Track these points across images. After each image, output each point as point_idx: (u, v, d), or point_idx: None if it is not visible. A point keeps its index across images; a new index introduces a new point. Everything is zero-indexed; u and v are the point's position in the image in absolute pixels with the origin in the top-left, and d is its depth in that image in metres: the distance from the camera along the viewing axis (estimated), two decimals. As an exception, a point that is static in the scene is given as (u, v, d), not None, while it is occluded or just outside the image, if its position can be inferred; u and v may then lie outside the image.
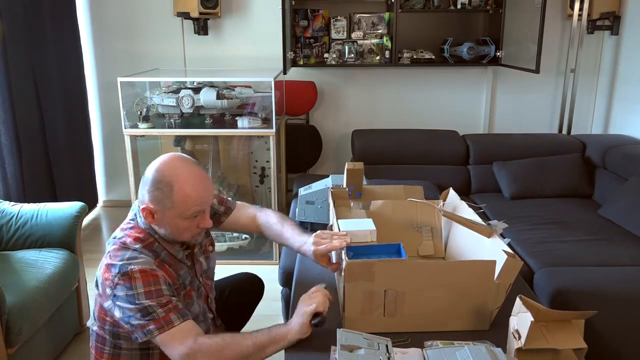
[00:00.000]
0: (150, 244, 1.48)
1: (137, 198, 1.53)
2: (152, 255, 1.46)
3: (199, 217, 1.48)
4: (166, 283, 1.42)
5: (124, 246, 1.45)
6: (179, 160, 1.46)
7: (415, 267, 1.36)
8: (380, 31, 4.02)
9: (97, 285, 1.47)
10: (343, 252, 1.40)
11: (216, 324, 1.75)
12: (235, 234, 3.46)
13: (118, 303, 1.39)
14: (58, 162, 3.65)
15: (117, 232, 1.52)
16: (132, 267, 1.39)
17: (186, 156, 1.51)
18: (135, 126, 3.27)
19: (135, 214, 1.54)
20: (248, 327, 2.72)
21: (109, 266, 1.42)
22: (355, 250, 1.51)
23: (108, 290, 1.41)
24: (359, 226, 1.58)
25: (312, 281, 1.67)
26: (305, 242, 1.57)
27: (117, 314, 1.41)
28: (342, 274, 1.35)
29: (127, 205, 3.93)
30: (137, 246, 1.45)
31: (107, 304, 1.43)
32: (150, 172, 1.45)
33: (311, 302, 1.37)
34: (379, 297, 1.35)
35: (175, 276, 1.49)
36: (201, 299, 1.64)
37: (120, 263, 1.40)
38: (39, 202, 2.63)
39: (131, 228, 1.51)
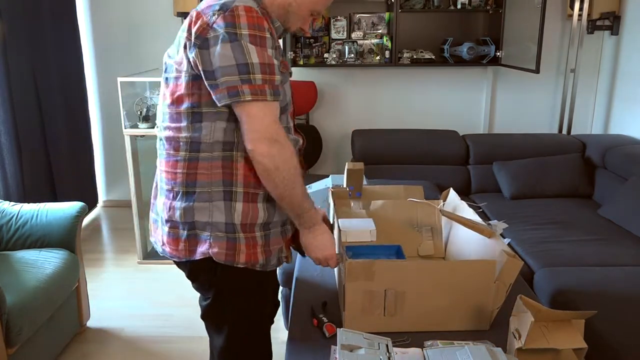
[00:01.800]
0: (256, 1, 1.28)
1: (136, 197, 1.48)
2: (257, 4, 1.26)
3: (312, 17, 1.38)
4: (269, 33, 1.24)
5: None
6: None
7: (415, 267, 1.36)
8: (380, 31, 4.02)
9: (175, 50, 1.30)
10: (343, 252, 1.40)
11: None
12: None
13: (210, 48, 1.20)
14: (58, 162, 3.65)
15: None
16: (237, 4, 1.20)
17: None
18: (135, 126, 3.26)
19: None
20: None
21: (202, 12, 1.23)
22: (355, 250, 1.51)
23: (194, 36, 1.21)
24: (359, 225, 1.58)
25: (313, 281, 1.67)
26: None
27: (204, 64, 1.21)
28: (342, 273, 1.35)
29: (127, 205, 3.93)
30: None
31: (192, 55, 1.22)
32: None
33: (318, 261, 1.43)
34: (379, 296, 1.35)
35: (274, 33, 1.30)
36: (291, 109, 1.44)
37: (221, 2, 1.21)
38: (39, 202, 2.63)
39: None
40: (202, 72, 1.23)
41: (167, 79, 1.34)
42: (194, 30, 1.22)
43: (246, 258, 1.34)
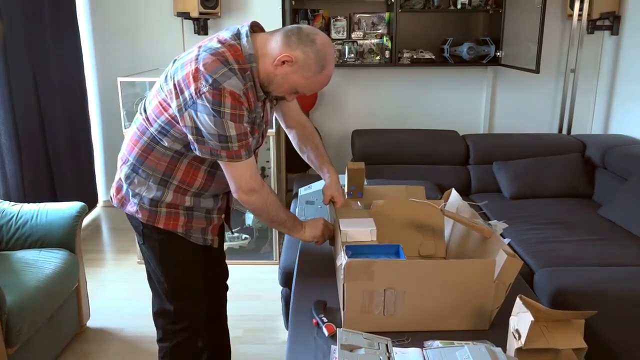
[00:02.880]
0: (245, 69, 1.47)
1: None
2: (243, 81, 1.46)
3: (297, 94, 1.58)
4: (246, 110, 1.47)
5: (223, 60, 1.43)
6: (332, 47, 1.54)
7: (415, 267, 1.36)
8: (380, 31, 4.02)
9: (166, 80, 1.51)
10: (342, 251, 1.40)
11: None
12: (236, 234, 3.46)
13: (198, 112, 1.43)
14: (58, 162, 3.65)
15: (213, 43, 1.48)
16: (225, 86, 1.41)
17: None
18: (135, 126, 3.26)
19: (239, 34, 1.51)
20: (248, 326, 2.72)
21: (200, 73, 1.42)
22: (355, 250, 1.51)
23: (187, 94, 1.43)
24: (360, 225, 1.58)
25: (313, 281, 1.67)
26: (324, 177, 1.84)
27: (187, 121, 1.46)
28: (342, 273, 1.35)
29: (127, 205, 3.93)
30: (235, 66, 1.45)
31: (176, 105, 1.47)
32: (316, 38, 1.47)
33: (315, 233, 1.71)
34: (378, 296, 1.35)
35: (253, 107, 1.53)
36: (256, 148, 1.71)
37: (215, 76, 1.41)
38: (39, 202, 2.63)
39: (232, 46, 1.47)
40: (185, 128, 1.49)
41: (161, 86, 1.56)
42: (191, 89, 1.43)
43: (164, 225, 1.65)
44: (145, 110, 1.61)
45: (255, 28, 1.55)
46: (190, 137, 1.49)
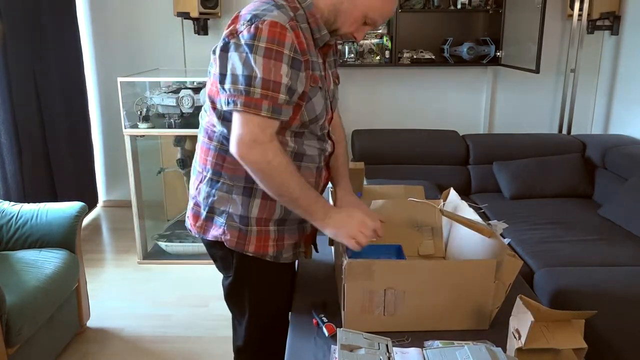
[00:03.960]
0: (296, 8, 1.31)
1: (136, 197, 1.52)
2: (290, 15, 1.28)
3: (367, 26, 1.37)
4: (292, 49, 1.24)
5: (269, 2, 1.28)
6: None
7: (415, 267, 1.36)
8: (380, 31, 4.02)
9: (214, 51, 1.34)
10: (343, 251, 1.40)
11: (327, 165, 1.52)
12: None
13: (229, 53, 1.25)
14: (58, 162, 3.65)
15: None
16: (265, 18, 1.23)
17: None
18: (135, 126, 3.26)
19: None
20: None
21: (240, 16, 1.28)
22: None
23: (223, 41, 1.27)
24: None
25: (313, 281, 1.67)
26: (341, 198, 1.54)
27: (218, 68, 1.27)
28: (342, 273, 1.35)
29: (127, 205, 3.93)
30: (282, 2, 1.29)
31: (215, 55, 1.30)
32: None
33: (352, 238, 1.34)
34: (379, 296, 1.35)
35: (306, 49, 1.30)
36: (328, 118, 1.45)
37: (255, 12, 1.25)
38: (39, 202, 2.63)
39: None
40: (217, 75, 1.29)
41: (209, 71, 1.38)
42: (225, 32, 1.28)
43: (255, 249, 1.41)
44: (205, 111, 1.42)
45: None
46: (217, 84, 1.28)
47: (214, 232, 1.42)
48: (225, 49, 1.27)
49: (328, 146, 1.48)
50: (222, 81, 1.27)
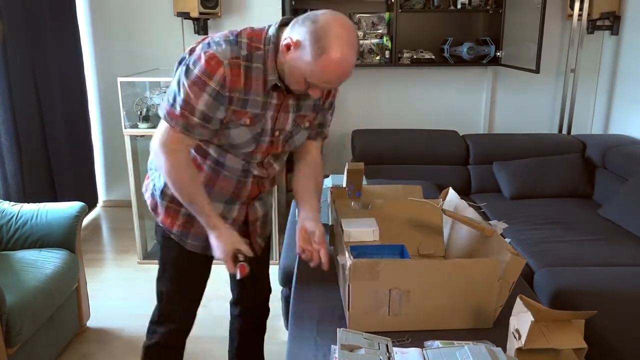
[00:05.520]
0: (257, 48, 1.39)
1: (136, 197, 1.64)
2: (237, 53, 1.37)
3: (315, 88, 1.39)
4: (219, 83, 1.37)
5: (234, 33, 1.40)
6: (346, 29, 1.31)
7: (420, 266, 1.36)
8: (380, 31, 4.02)
9: None
10: (347, 251, 1.40)
11: (253, 196, 1.65)
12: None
13: (179, 68, 1.42)
14: (58, 162, 3.65)
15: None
16: (210, 50, 1.37)
17: (350, 26, 1.35)
18: (135, 126, 3.26)
19: (271, 24, 1.43)
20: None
21: (206, 39, 1.43)
22: (359, 250, 1.51)
23: (183, 55, 1.45)
24: (362, 225, 1.58)
25: (313, 281, 1.67)
26: (303, 219, 1.58)
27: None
28: (347, 273, 1.35)
29: (127, 205, 3.93)
30: (243, 40, 1.39)
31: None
32: (319, 18, 1.30)
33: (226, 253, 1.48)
34: (383, 296, 1.35)
35: (242, 87, 1.40)
36: (258, 151, 1.53)
37: (210, 41, 1.40)
38: (39, 202, 2.63)
39: (256, 29, 1.43)
40: None
41: None
42: (189, 48, 1.46)
43: (163, 221, 1.62)
44: None
45: None
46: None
47: (146, 197, 1.68)
48: (180, 62, 1.44)
49: (255, 170, 1.57)
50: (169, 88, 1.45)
